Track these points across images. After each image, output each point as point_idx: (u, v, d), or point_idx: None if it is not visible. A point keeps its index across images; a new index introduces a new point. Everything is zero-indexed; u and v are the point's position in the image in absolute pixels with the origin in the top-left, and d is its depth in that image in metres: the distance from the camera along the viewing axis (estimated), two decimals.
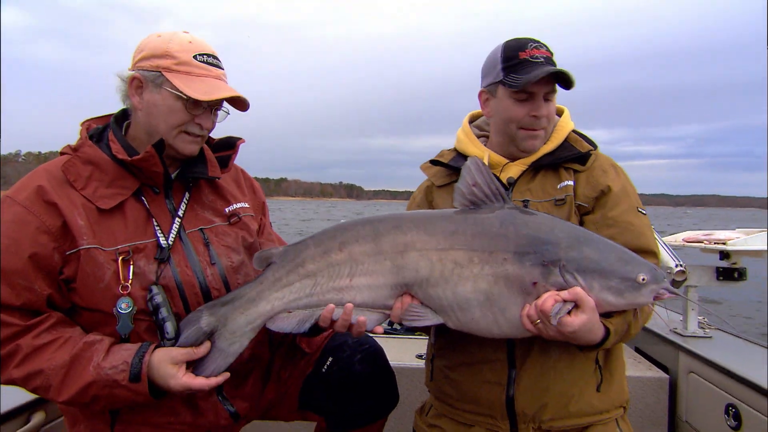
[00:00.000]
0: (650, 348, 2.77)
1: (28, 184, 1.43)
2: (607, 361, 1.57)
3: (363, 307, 1.43)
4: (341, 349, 1.74)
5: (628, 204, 1.54)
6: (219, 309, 1.44)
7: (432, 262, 1.38)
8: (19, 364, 1.34)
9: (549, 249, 1.33)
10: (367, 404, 1.71)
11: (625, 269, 1.31)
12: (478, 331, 1.41)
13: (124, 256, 1.41)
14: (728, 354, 2.32)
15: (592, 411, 1.53)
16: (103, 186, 1.45)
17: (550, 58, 1.57)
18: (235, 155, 1.71)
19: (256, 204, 1.80)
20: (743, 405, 2.04)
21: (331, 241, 1.44)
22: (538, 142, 1.62)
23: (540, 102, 1.56)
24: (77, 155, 1.48)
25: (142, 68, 1.48)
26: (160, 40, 1.50)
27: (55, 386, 1.33)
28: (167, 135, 1.49)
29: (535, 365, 1.52)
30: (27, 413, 1.80)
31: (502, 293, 1.35)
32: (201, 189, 1.65)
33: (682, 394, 2.45)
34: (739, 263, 2.55)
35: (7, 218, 1.38)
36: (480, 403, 1.57)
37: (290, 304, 1.43)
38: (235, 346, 1.44)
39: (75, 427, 1.52)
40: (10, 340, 1.34)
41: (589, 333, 1.33)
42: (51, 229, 1.37)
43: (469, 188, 1.42)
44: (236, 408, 1.58)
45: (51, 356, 1.34)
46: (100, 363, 1.34)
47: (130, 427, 1.48)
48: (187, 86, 1.44)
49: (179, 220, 1.54)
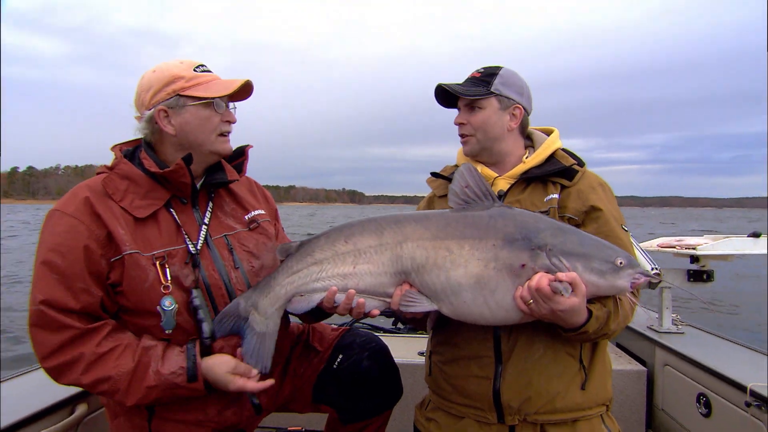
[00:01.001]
0: (629, 343, 2.91)
1: (74, 198, 1.54)
2: (591, 362, 1.64)
3: (365, 294, 1.52)
4: (350, 347, 1.85)
5: (615, 222, 1.63)
6: (250, 295, 1.58)
7: (427, 251, 1.47)
8: (85, 371, 1.44)
9: (536, 235, 1.42)
10: (374, 397, 1.83)
11: (605, 253, 1.41)
12: (470, 315, 1.47)
13: (160, 261, 1.52)
14: (699, 348, 2.45)
15: (576, 408, 1.60)
16: (138, 198, 1.57)
17: (474, 78, 1.74)
18: (246, 160, 1.82)
19: (270, 211, 1.90)
20: (713, 394, 2.15)
21: (339, 234, 1.55)
22: (467, 148, 1.77)
23: (462, 112, 1.75)
24: (114, 172, 1.59)
25: (161, 100, 1.57)
26: (159, 71, 1.60)
27: (123, 390, 1.45)
28: (208, 142, 1.61)
29: (519, 360, 1.59)
30: (71, 405, 1.90)
31: (491, 276, 1.42)
32: (222, 198, 1.75)
33: (659, 385, 2.57)
34: (707, 266, 2.68)
35: (60, 229, 1.48)
36: (470, 396, 1.64)
37: (300, 288, 1.55)
38: (269, 327, 1.57)
39: (115, 420, 1.63)
40: (71, 342, 1.44)
41: (575, 315, 1.40)
42: (98, 237, 1.48)
43: (462, 189, 1.53)
44: (259, 401, 1.69)
45: (115, 363, 1.45)
46: (159, 369, 1.46)
47: (166, 423, 1.58)
48: (207, 91, 1.57)
49: (206, 227, 1.65)
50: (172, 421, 1.59)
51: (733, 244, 2.65)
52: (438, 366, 1.76)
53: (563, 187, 1.68)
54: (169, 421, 1.59)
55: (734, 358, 2.34)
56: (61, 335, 1.43)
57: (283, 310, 1.59)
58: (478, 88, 1.71)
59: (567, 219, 1.63)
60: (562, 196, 1.66)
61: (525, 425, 1.60)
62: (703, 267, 2.69)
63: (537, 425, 1.59)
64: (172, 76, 1.58)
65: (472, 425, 1.65)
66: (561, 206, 1.65)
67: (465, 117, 1.74)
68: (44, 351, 1.44)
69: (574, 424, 1.60)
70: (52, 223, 1.51)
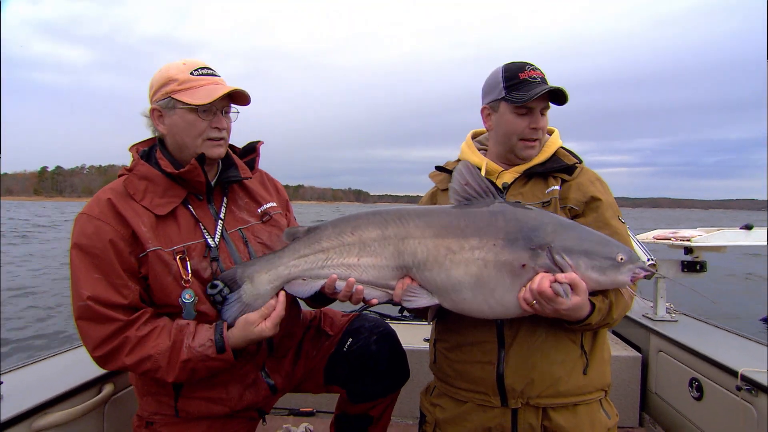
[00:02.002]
0: (625, 331, 3.00)
1: (98, 201, 1.61)
2: (592, 348, 1.66)
3: (368, 285, 1.55)
4: (359, 331, 1.93)
5: (613, 212, 1.67)
6: (249, 267, 1.63)
7: (428, 248, 1.49)
8: (130, 353, 1.52)
9: (536, 234, 1.42)
10: (382, 379, 1.90)
11: (606, 250, 1.42)
12: (470, 311, 1.50)
13: (180, 256, 1.59)
14: (692, 335, 2.55)
15: (577, 392, 1.62)
16: (157, 196, 1.63)
17: (544, 78, 1.71)
18: (258, 156, 1.89)
19: (282, 202, 1.95)
20: (705, 379, 2.24)
21: (345, 225, 1.59)
22: (534, 152, 1.74)
23: (538, 116, 1.70)
24: (133, 173, 1.66)
25: (157, 100, 1.64)
26: (162, 72, 1.66)
27: (164, 368, 1.53)
28: (194, 146, 1.64)
29: (522, 345, 1.61)
30: (99, 385, 2.00)
31: (491, 276, 1.43)
32: (236, 193, 1.81)
33: (653, 370, 2.67)
34: (700, 257, 2.76)
35: (89, 231, 1.56)
36: (474, 381, 1.67)
37: (304, 272, 1.60)
38: (256, 303, 1.60)
39: (144, 398, 1.73)
40: (117, 333, 1.52)
41: (579, 310, 1.43)
42: (125, 236, 1.56)
43: (462, 187, 1.54)
44: (274, 382, 1.79)
45: (155, 343, 1.53)
46: (190, 344, 1.54)
47: (191, 401, 1.68)
48: (192, 98, 1.60)
49: (222, 222, 1.72)
50: (197, 398, 1.68)
51: (726, 236, 2.73)
52: (442, 353, 1.80)
53: (563, 181, 1.72)
54: (194, 399, 1.68)
55: (725, 345, 2.42)
56: (107, 327, 1.52)
57: (276, 291, 1.63)
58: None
59: (568, 209, 1.66)
60: (563, 188, 1.70)
61: (527, 408, 1.63)
62: (697, 258, 2.77)
63: (539, 408, 1.63)
64: (168, 78, 1.64)
65: (476, 409, 1.69)
66: (562, 198, 1.69)
67: (543, 122, 1.72)
68: (94, 342, 1.53)
69: (575, 407, 1.63)
70: (80, 225, 1.59)
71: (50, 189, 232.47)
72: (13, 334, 7.42)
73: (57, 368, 2.11)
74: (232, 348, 1.57)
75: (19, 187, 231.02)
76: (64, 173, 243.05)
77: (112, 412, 2.04)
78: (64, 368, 2.09)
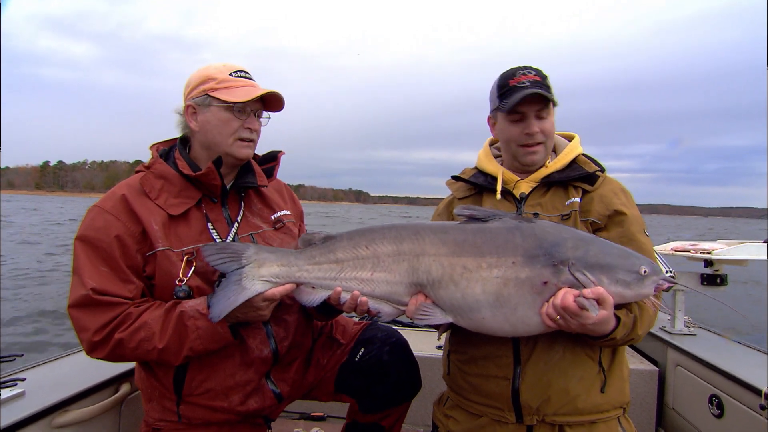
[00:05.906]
0: (642, 344, 2.93)
1: (113, 196, 1.63)
2: (611, 365, 1.63)
3: (380, 300, 1.53)
4: (372, 341, 1.91)
5: (638, 226, 1.63)
6: (264, 251, 1.57)
7: (443, 267, 1.46)
8: (127, 328, 1.51)
9: (557, 250, 1.39)
10: (394, 390, 1.88)
11: (628, 263, 1.39)
12: (489, 330, 1.47)
13: (188, 257, 1.60)
14: (711, 350, 2.48)
15: (595, 410, 1.59)
16: (172, 196, 1.65)
17: (538, 81, 1.63)
18: (278, 165, 1.90)
19: (296, 212, 1.97)
20: (726, 396, 2.17)
21: (361, 238, 1.56)
22: (537, 157, 1.69)
23: (531, 120, 1.65)
24: (151, 171, 1.68)
25: (193, 97, 1.68)
26: (200, 71, 1.70)
27: (157, 333, 1.52)
28: (225, 144, 1.66)
29: (538, 362, 1.58)
30: (116, 384, 2.05)
31: (511, 294, 1.40)
32: (251, 198, 1.82)
33: (670, 384, 2.60)
34: (721, 270, 2.69)
35: (99, 224, 1.57)
36: (489, 396, 1.64)
37: (317, 280, 1.57)
38: (253, 290, 1.51)
39: (149, 403, 1.72)
40: (119, 316, 1.52)
41: (605, 324, 1.40)
42: (134, 233, 1.57)
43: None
44: (280, 390, 1.76)
45: (150, 313, 1.54)
46: (184, 308, 1.53)
47: (193, 408, 1.67)
48: (230, 96, 1.63)
49: (237, 224, 1.72)
50: (199, 406, 1.67)
51: (748, 250, 2.66)
52: (456, 365, 1.77)
53: (585, 191, 1.67)
54: (196, 406, 1.67)
55: (747, 362, 2.35)
56: (109, 312, 1.51)
57: (279, 287, 1.55)
58: (550, 94, 1.64)
59: (590, 223, 1.62)
60: (584, 200, 1.65)
61: (543, 425, 1.59)
62: (717, 271, 2.71)
63: (555, 426, 1.59)
64: (206, 77, 1.67)
65: (491, 424, 1.66)
66: (583, 210, 1.64)
67: (540, 125, 1.67)
68: (95, 326, 1.51)
69: (592, 425, 1.60)
70: (91, 217, 1.60)
71: (52, 183, 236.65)
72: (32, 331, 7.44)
73: (76, 366, 2.16)
74: (237, 320, 1.56)
75: (21, 181, 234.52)
76: (66, 168, 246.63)
77: (128, 411, 2.08)
78: (83, 366, 2.14)
